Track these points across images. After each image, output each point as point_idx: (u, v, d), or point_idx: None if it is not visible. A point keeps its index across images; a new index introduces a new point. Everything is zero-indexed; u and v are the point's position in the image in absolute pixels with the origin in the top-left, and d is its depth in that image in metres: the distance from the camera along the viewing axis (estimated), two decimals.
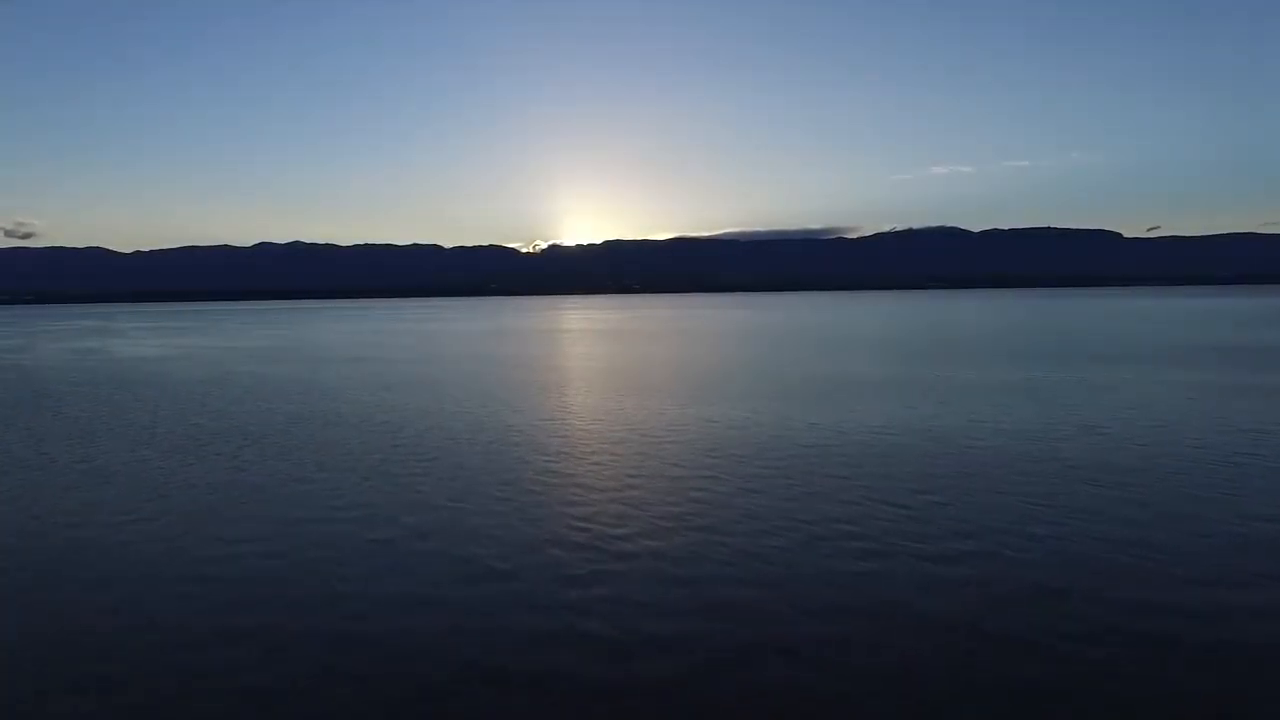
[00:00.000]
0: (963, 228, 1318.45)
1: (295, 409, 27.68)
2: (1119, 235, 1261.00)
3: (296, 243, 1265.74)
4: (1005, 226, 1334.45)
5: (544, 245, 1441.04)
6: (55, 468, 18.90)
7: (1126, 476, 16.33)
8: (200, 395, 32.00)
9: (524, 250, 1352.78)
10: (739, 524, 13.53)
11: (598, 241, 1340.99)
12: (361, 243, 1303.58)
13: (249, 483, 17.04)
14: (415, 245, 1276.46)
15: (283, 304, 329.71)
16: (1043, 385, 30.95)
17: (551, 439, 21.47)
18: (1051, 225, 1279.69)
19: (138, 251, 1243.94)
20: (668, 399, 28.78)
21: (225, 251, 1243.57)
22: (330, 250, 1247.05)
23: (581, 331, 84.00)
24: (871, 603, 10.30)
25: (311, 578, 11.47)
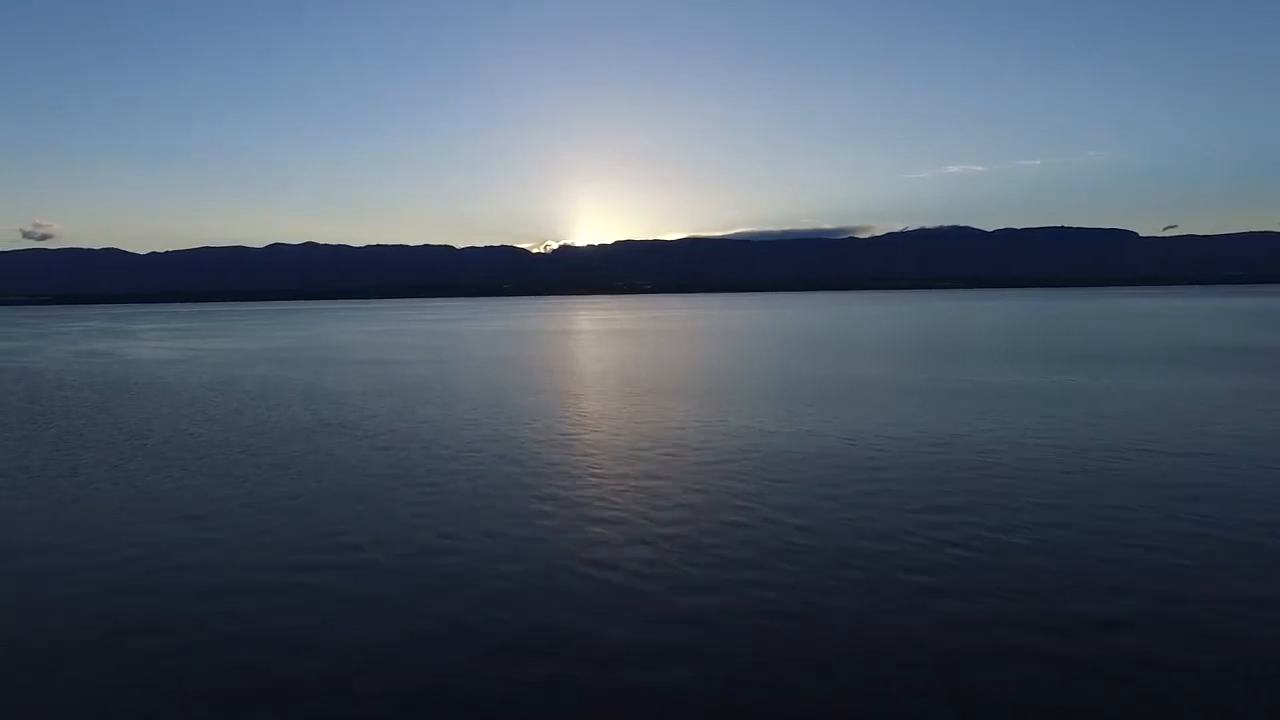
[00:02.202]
0: (976, 227, 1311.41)
1: (299, 417, 26.49)
2: (1134, 234, 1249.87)
3: (310, 243, 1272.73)
4: (1019, 226, 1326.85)
5: (555, 245, 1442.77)
6: (33, 482, 17.65)
7: (1181, 492, 14.72)
8: (202, 401, 30.95)
9: (535, 250, 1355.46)
10: (785, 558, 12.05)
11: (609, 241, 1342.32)
12: (374, 243, 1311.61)
13: (240, 503, 15.68)
14: (427, 246, 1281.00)
15: (296, 304, 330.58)
16: (1079, 391, 29.29)
17: (572, 453, 20.01)
18: (1066, 224, 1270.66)
19: (153, 252, 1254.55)
20: (692, 405, 27.26)
21: (239, 252, 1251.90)
22: (343, 251, 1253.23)
23: (595, 332, 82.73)
24: (941, 650, 8.86)
25: (299, 618, 10.06)
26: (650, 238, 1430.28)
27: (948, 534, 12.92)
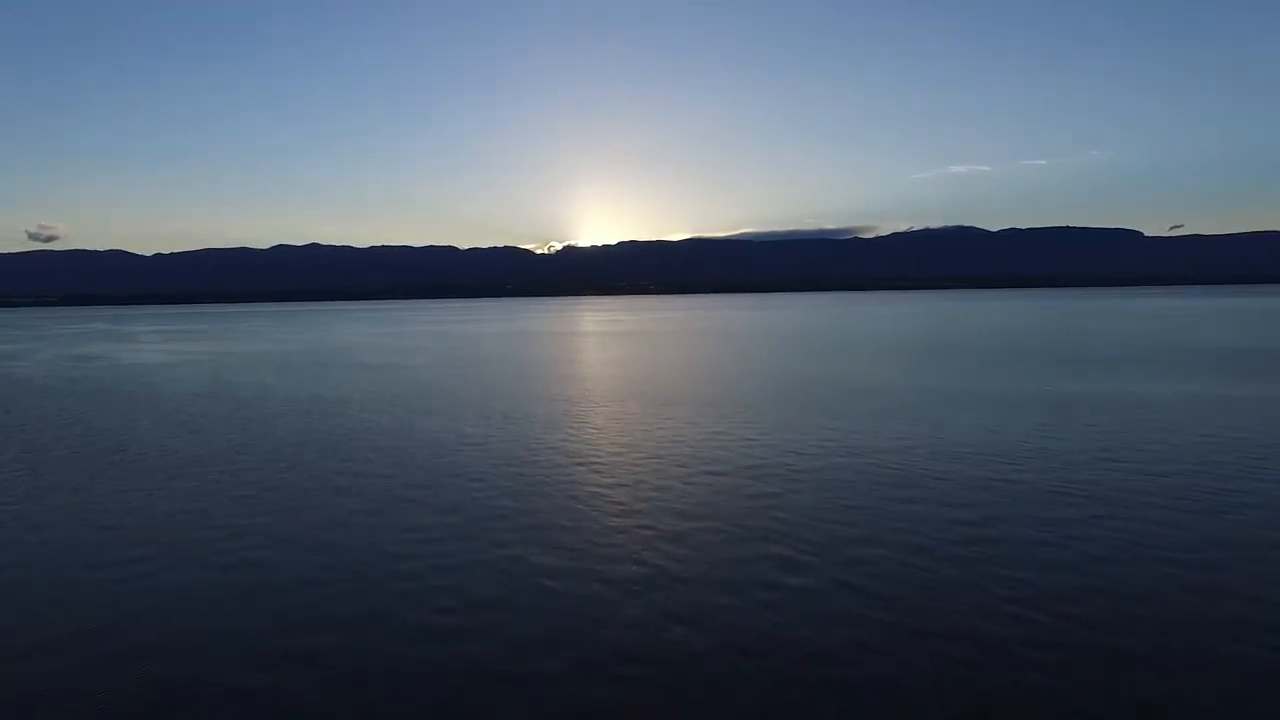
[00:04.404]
0: (981, 227, 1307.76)
1: (290, 429, 24.60)
2: (1140, 234, 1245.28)
3: (314, 244, 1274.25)
4: (1024, 226, 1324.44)
5: (559, 246, 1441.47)
6: None
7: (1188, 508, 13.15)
8: (188, 411, 29.23)
9: (539, 251, 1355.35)
10: (832, 592, 10.09)
11: (612, 242, 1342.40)
12: (378, 244, 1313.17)
13: (207, 535, 13.68)
14: (431, 247, 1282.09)
15: (300, 305, 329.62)
16: (1116, 398, 27.23)
17: (587, 479, 17.97)
18: (1071, 224, 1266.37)
19: (158, 254, 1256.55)
20: (712, 414, 25.17)
21: (244, 253, 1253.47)
22: (347, 252, 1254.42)
23: (600, 334, 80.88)
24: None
25: (254, 682, 8.14)
26: (653, 238, 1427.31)
27: (1005, 557, 10.95)
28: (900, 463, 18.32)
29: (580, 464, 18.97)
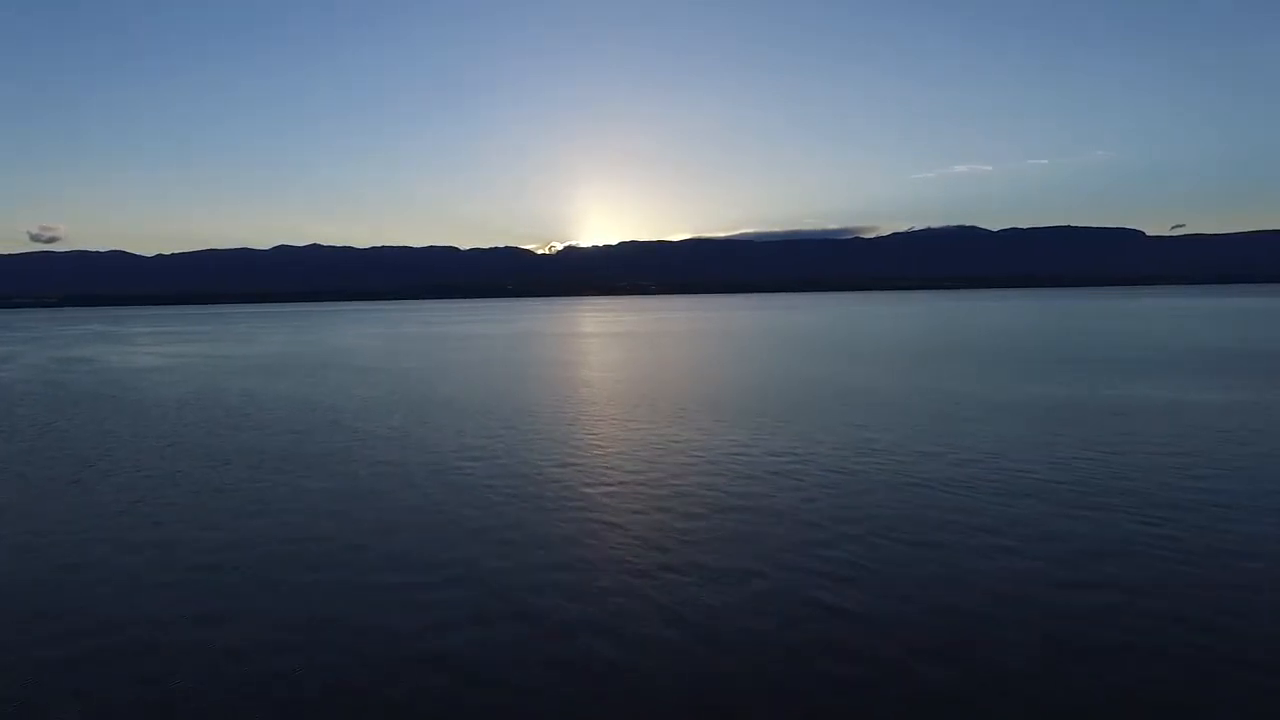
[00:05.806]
0: (982, 227, 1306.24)
1: (277, 441, 23.13)
2: (1141, 233, 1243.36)
3: (314, 245, 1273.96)
4: (1025, 225, 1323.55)
5: (560, 246, 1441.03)
6: None
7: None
8: (172, 420, 27.93)
9: (539, 251, 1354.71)
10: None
11: (613, 242, 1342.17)
12: (378, 245, 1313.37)
13: (169, 572, 12.23)
14: (431, 247, 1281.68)
15: (301, 306, 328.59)
16: (1120, 401, 25.67)
17: (596, 495, 16.52)
18: (1072, 224, 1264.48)
19: (159, 254, 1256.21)
20: (729, 424, 23.70)
21: (245, 254, 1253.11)
22: (348, 252, 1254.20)
23: (601, 335, 79.47)
24: None
25: None
26: (654, 238, 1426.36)
27: (1042, 574, 9.52)
28: (916, 471, 16.87)
29: (587, 486, 17.52)
